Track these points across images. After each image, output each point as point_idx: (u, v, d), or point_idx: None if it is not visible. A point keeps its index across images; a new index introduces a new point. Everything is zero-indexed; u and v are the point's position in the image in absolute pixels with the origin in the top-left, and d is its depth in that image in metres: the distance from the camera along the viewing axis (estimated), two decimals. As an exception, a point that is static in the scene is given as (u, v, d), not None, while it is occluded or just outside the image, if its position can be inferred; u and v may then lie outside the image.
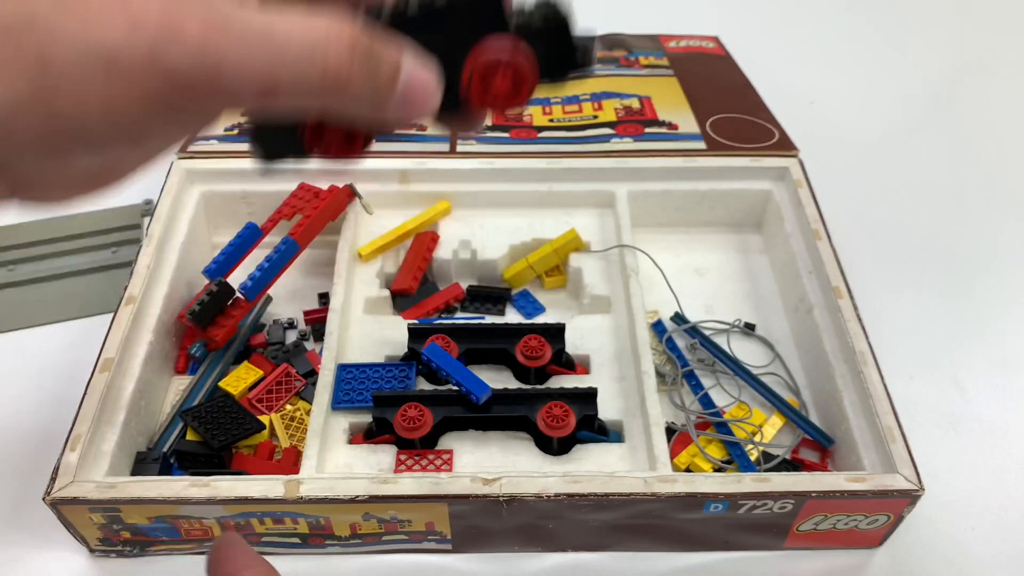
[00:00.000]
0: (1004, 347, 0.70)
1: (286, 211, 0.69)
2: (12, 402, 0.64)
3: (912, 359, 0.68)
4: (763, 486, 0.51)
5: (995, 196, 0.85)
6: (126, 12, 0.21)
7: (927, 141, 0.92)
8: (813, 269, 0.66)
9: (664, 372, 0.63)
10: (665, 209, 0.75)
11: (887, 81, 1.02)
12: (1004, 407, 0.65)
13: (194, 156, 0.74)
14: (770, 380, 0.64)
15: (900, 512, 0.52)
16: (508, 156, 0.75)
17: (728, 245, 0.76)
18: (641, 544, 0.55)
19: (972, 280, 0.76)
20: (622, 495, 0.50)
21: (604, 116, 0.80)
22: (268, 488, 0.50)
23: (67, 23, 0.21)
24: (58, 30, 0.21)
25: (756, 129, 0.78)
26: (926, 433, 0.63)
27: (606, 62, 0.92)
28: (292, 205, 0.69)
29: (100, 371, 0.56)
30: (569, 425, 0.55)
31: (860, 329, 0.60)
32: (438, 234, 0.72)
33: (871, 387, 0.56)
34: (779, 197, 0.73)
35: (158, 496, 0.50)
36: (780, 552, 0.56)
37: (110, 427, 0.55)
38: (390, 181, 0.74)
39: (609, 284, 0.68)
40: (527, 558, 0.56)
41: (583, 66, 0.33)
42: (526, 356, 0.59)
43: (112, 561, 0.55)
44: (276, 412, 0.60)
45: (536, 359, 0.59)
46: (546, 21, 0.31)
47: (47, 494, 0.49)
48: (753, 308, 0.70)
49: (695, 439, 0.58)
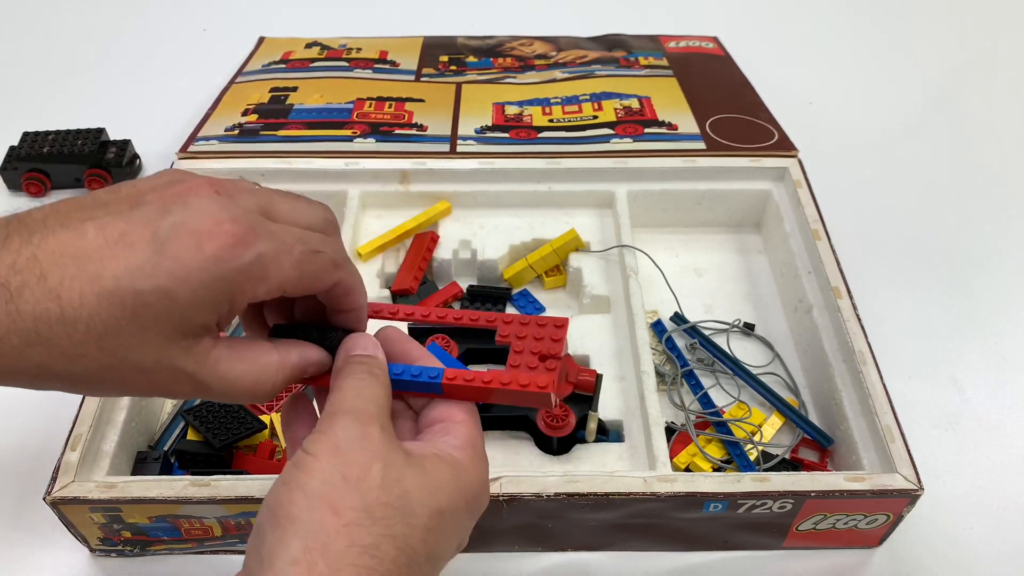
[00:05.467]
0: (1003, 347, 0.70)
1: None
2: (12, 402, 0.64)
3: (911, 359, 0.68)
4: (762, 486, 0.51)
5: (994, 196, 0.85)
6: (147, 380, 0.32)
7: (926, 141, 0.92)
8: (812, 269, 0.66)
9: (664, 372, 0.63)
10: (665, 209, 0.75)
11: (886, 81, 1.02)
12: (1003, 407, 0.66)
13: (194, 156, 0.74)
14: (769, 380, 0.64)
15: (899, 512, 0.52)
16: (508, 156, 0.75)
17: (727, 245, 0.76)
18: (641, 544, 0.55)
19: (971, 280, 0.76)
20: (622, 495, 0.50)
21: (604, 116, 0.81)
22: (268, 488, 0.50)
23: (107, 382, 0.32)
24: (100, 383, 0.32)
25: (755, 129, 0.78)
26: (925, 433, 0.63)
27: (606, 62, 0.92)
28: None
29: (101, 371, 0.56)
30: (569, 425, 0.55)
31: (859, 329, 0.60)
32: (438, 234, 0.73)
33: (870, 387, 0.56)
34: (778, 197, 0.73)
35: (159, 496, 0.50)
36: (779, 552, 0.56)
37: (111, 427, 0.55)
38: (390, 181, 0.74)
39: (609, 284, 0.68)
40: (527, 557, 0.56)
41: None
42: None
43: (113, 561, 0.55)
44: (277, 412, 0.60)
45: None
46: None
47: (48, 494, 0.50)
48: (752, 308, 0.71)
49: (695, 439, 0.58)
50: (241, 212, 0.32)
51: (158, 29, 1.10)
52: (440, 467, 0.33)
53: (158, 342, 0.31)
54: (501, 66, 0.92)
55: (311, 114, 0.81)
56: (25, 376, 0.31)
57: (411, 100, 0.84)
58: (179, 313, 0.31)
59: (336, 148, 0.75)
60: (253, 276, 0.32)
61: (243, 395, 0.34)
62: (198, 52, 1.05)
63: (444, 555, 0.33)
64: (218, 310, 0.32)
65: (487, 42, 0.97)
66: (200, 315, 0.31)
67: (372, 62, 0.92)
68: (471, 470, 0.34)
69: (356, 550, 0.29)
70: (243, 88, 0.87)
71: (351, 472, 0.31)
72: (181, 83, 0.98)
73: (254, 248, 0.31)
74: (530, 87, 0.87)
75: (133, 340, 0.30)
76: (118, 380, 0.31)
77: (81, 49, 1.06)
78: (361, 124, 0.79)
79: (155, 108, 0.94)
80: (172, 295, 0.30)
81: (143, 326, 0.30)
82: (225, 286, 0.31)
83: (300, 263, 0.33)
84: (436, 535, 0.32)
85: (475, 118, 0.81)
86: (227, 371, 0.33)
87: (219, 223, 0.31)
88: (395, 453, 0.32)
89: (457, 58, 0.93)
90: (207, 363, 0.32)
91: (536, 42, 0.98)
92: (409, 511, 0.31)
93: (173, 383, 0.32)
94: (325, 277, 0.35)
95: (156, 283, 0.30)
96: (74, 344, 0.30)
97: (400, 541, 0.30)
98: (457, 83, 0.87)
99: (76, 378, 0.31)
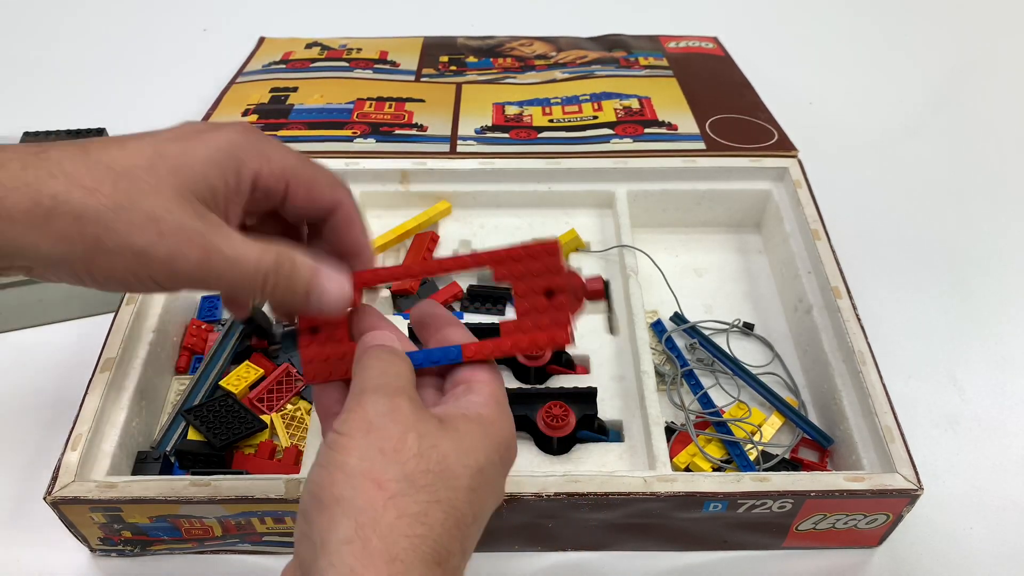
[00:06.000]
0: (1002, 347, 0.70)
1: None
2: (12, 402, 0.64)
3: (911, 359, 0.68)
4: (762, 485, 0.51)
5: (994, 196, 0.85)
6: (157, 229, 0.32)
7: (926, 141, 0.92)
8: (812, 269, 0.66)
9: (663, 372, 0.63)
10: (665, 209, 0.75)
11: (886, 81, 1.02)
12: (1002, 407, 0.66)
13: (194, 156, 0.74)
14: (769, 380, 0.64)
15: (899, 512, 0.52)
16: (508, 156, 0.75)
17: (727, 245, 0.76)
18: (641, 543, 0.55)
19: (971, 280, 0.76)
20: (622, 494, 0.50)
21: (604, 116, 0.81)
22: (269, 487, 0.50)
23: (117, 225, 0.32)
24: (110, 228, 0.32)
25: (755, 129, 0.78)
26: (925, 433, 0.63)
27: (606, 63, 0.92)
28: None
29: (101, 371, 0.56)
30: (569, 425, 0.55)
31: (859, 329, 0.60)
32: (438, 234, 0.73)
33: (870, 387, 0.56)
34: (778, 197, 0.73)
35: (159, 496, 0.50)
36: (779, 551, 0.56)
37: (111, 427, 0.55)
38: (390, 181, 0.74)
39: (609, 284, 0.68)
40: (527, 557, 0.56)
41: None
42: (526, 356, 0.59)
43: (113, 560, 0.55)
44: (277, 412, 0.60)
45: (536, 359, 0.59)
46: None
47: (48, 494, 0.50)
48: (752, 308, 0.71)
49: (694, 439, 0.58)
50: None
51: (158, 29, 1.10)
52: (471, 427, 0.34)
53: (171, 195, 0.33)
54: (501, 66, 0.92)
55: (311, 114, 0.81)
56: (39, 212, 0.31)
57: (411, 100, 0.84)
58: (191, 168, 0.34)
59: (336, 148, 0.75)
60: (260, 152, 0.36)
61: (250, 269, 0.34)
62: (198, 52, 1.05)
63: (487, 511, 0.34)
64: (226, 176, 0.35)
65: (487, 42, 0.97)
66: (210, 176, 0.34)
67: (372, 62, 0.92)
68: (499, 424, 0.35)
69: (406, 520, 0.30)
70: (243, 88, 0.87)
71: (387, 445, 0.31)
72: (181, 83, 0.98)
73: (261, 135, 0.37)
74: (530, 87, 0.87)
75: (147, 186, 0.33)
76: (127, 224, 0.32)
77: (81, 49, 1.06)
78: (361, 124, 0.79)
79: (155, 108, 0.94)
80: (187, 150, 0.34)
81: (158, 174, 0.33)
82: (234, 151, 0.35)
83: (301, 160, 0.37)
84: (478, 493, 0.32)
85: (475, 118, 0.81)
86: (237, 240, 0.34)
87: (233, 122, 0.37)
88: (427, 422, 0.32)
89: (457, 58, 0.93)
90: (219, 229, 0.34)
91: (536, 42, 0.98)
92: (450, 474, 0.31)
93: (183, 241, 0.33)
94: (325, 189, 0.38)
95: (173, 143, 0.34)
96: (93, 179, 0.32)
97: (446, 505, 0.31)
98: (457, 83, 0.87)
99: (89, 216, 0.32)
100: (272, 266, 0.35)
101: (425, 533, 0.30)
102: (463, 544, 0.31)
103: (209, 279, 0.34)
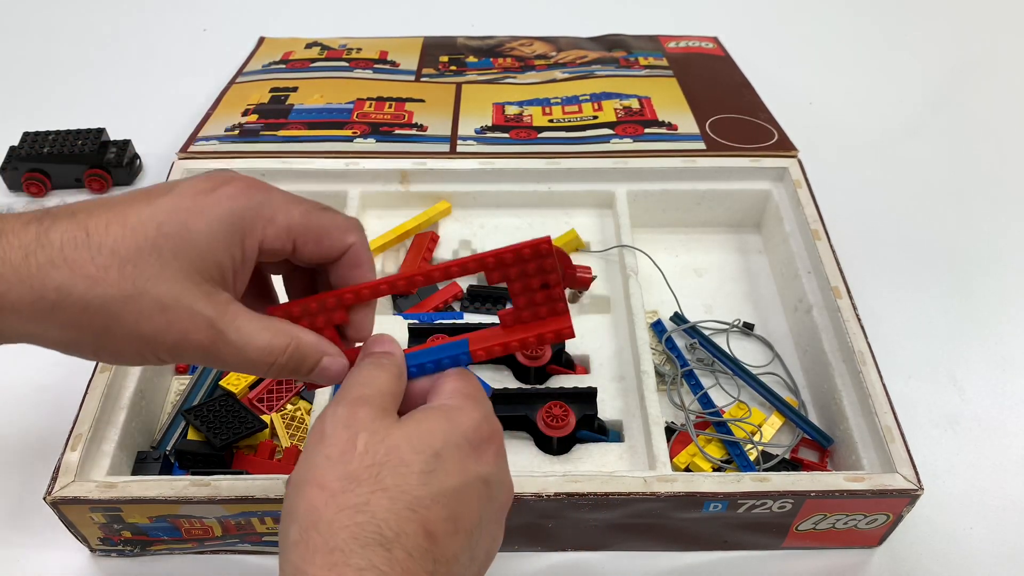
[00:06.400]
0: (1002, 347, 0.70)
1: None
2: (12, 402, 0.64)
3: (911, 359, 0.68)
4: (762, 486, 0.51)
5: (994, 196, 0.85)
6: (166, 318, 0.33)
7: (926, 141, 0.92)
8: (812, 269, 0.66)
9: (664, 372, 0.63)
10: (665, 209, 0.75)
11: (886, 81, 1.02)
12: (1002, 407, 0.66)
13: (195, 156, 0.74)
14: (769, 380, 0.64)
15: (899, 512, 0.52)
16: (508, 156, 0.75)
17: (727, 245, 0.76)
18: (641, 543, 0.55)
19: (971, 280, 0.76)
20: (622, 494, 0.50)
21: (604, 116, 0.81)
22: (269, 487, 0.50)
23: (125, 316, 0.32)
24: (118, 318, 0.32)
25: (755, 129, 0.78)
26: (925, 433, 0.63)
27: (606, 63, 0.92)
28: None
29: (101, 371, 0.56)
30: (569, 425, 0.55)
31: (859, 329, 0.60)
32: (438, 234, 0.73)
33: (870, 387, 0.56)
34: (778, 197, 0.73)
35: (159, 496, 0.50)
36: (779, 551, 0.56)
37: (111, 427, 0.55)
38: (390, 181, 0.74)
39: (609, 284, 0.68)
40: (527, 557, 0.56)
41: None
42: (526, 356, 0.59)
43: (113, 560, 0.55)
44: (277, 412, 0.60)
45: (536, 359, 0.59)
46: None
47: (48, 494, 0.50)
48: (752, 308, 0.71)
49: (694, 439, 0.58)
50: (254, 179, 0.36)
51: (158, 29, 1.10)
52: (430, 415, 0.35)
53: (178, 278, 0.33)
54: (501, 66, 0.92)
55: (311, 114, 0.81)
56: (44, 305, 0.32)
57: (411, 100, 0.84)
58: (196, 248, 0.33)
59: (336, 148, 0.75)
60: (262, 216, 0.35)
61: (255, 356, 0.35)
62: (198, 52, 1.05)
63: (464, 491, 0.33)
64: (231, 250, 0.34)
65: (487, 42, 0.97)
66: (215, 252, 0.34)
67: (372, 62, 0.92)
68: (464, 410, 0.35)
69: (346, 512, 0.30)
70: (243, 88, 0.87)
71: (333, 451, 0.32)
72: (181, 83, 0.98)
73: (263, 191, 0.36)
74: (530, 87, 0.87)
75: (153, 271, 0.32)
76: (136, 314, 0.32)
77: (81, 49, 1.06)
78: (361, 124, 0.79)
79: (155, 108, 0.94)
80: (189, 227, 0.33)
81: (163, 258, 0.33)
82: (236, 221, 0.34)
83: (308, 213, 0.36)
84: (437, 475, 0.32)
85: (475, 118, 0.81)
86: (245, 325, 0.35)
87: (233, 176, 0.36)
88: (381, 421, 0.34)
89: (457, 58, 0.93)
90: (227, 313, 0.34)
91: (536, 42, 0.98)
92: (399, 461, 0.32)
93: (191, 328, 0.33)
94: (335, 235, 0.37)
95: (175, 217, 0.33)
96: (97, 267, 0.32)
97: (394, 491, 0.31)
98: (457, 83, 0.87)
99: (95, 306, 0.32)
100: (280, 354, 0.36)
101: (366, 520, 0.30)
102: (429, 525, 0.31)
103: (215, 363, 0.35)
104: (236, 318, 0.34)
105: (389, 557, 0.30)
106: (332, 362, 0.38)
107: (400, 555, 0.30)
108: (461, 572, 0.33)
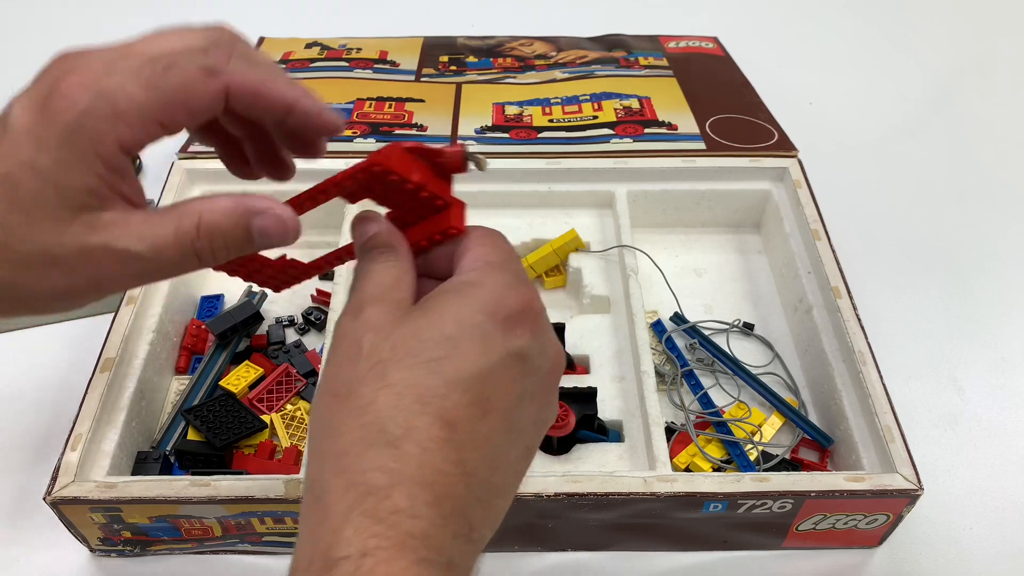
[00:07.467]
0: (1002, 347, 0.70)
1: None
2: (12, 402, 0.64)
3: (911, 359, 0.68)
4: (762, 486, 0.51)
5: (994, 197, 0.85)
6: (61, 271, 0.31)
7: (926, 141, 0.92)
8: (812, 269, 0.66)
9: (664, 372, 0.63)
10: (664, 209, 0.75)
11: (886, 81, 1.02)
12: (1002, 407, 0.66)
13: (195, 156, 0.74)
14: (769, 380, 0.64)
15: (899, 512, 0.52)
16: (508, 156, 0.75)
17: (727, 245, 0.76)
18: (641, 543, 0.55)
19: (971, 280, 0.76)
20: (622, 494, 0.50)
21: (604, 116, 0.81)
22: (269, 487, 0.50)
23: (26, 284, 0.31)
24: (25, 290, 0.31)
25: (755, 129, 0.78)
26: (925, 433, 0.63)
27: (606, 62, 0.92)
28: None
29: (101, 371, 0.56)
30: (569, 424, 0.55)
31: (859, 329, 0.60)
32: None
33: (870, 387, 0.56)
34: (778, 197, 0.73)
35: (159, 496, 0.50)
36: (779, 551, 0.56)
37: (111, 427, 0.55)
38: (390, 181, 0.74)
39: (609, 284, 0.68)
40: (527, 557, 0.56)
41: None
42: None
43: (113, 560, 0.55)
44: (277, 412, 0.60)
45: None
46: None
47: (48, 494, 0.50)
48: (752, 308, 0.71)
49: (694, 439, 0.58)
50: (76, 60, 0.32)
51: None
52: (444, 299, 0.32)
53: (50, 224, 0.30)
54: (501, 66, 0.92)
55: (311, 114, 0.81)
56: None
57: (411, 100, 0.84)
58: (51, 183, 0.30)
59: (336, 148, 0.75)
60: (102, 116, 0.30)
61: (168, 255, 0.32)
62: (198, 52, 1.05)
63: (490, 372, 0.31)
64: (91, 166, 0.30)
65: (487, 42, 0.97)
66: (74, 177, 0.30)
67: (372, 62, 0.92)
68: (483, 285, 0.32)
69: (352, 415, 0.30)
70: (243, 88, 0.86)
71: (341, 357, 0.31)
72: (181, 83, 0.98)
73: (91, 88, 0.31)
74: (530, 87, 0.87)
75: (24, 229, 0.30)
76: (39, 277, 0.31)
77: (81, 49, 1.06)
78: (361, 124, 0.79)
79: (155, 108, 0.93)
80: (33, 165, 0.30)
81: (25, 210, 0.30)
82: (78, 136, 0.30)
83: (151, 81, 0.31)
84: (451, 361, 0.30)
85: (475, 118, 0.81)
86: (149, 228, 0.32)
87: (55, 81, 0.31)
88: (388, 317, 0.32)
89: (457, 58, 0.93)
90: (125, 230, 0.31)
91: (536, 42, 0.98)
92: (406, 353, 0.30)
93: (101, 266, 0.31)
94: (199, 88, 0.33)
95: (16, 159, 0.30)
96: None
97: (400, 386, 0.30)
98: (457, 83, 0.87)
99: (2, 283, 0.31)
100: (191, 239, 0.32)
101: (371, 420, 0.29)
102: (446, 414, 0.30)
103: (137, 279, 0.33)
104: (140, 227, 0.31)
105: (398, 454, 0.29)
106: (265, 222, 0.34)
107: (413, 450, 0.29)
108: (499, 451, 0.31)
